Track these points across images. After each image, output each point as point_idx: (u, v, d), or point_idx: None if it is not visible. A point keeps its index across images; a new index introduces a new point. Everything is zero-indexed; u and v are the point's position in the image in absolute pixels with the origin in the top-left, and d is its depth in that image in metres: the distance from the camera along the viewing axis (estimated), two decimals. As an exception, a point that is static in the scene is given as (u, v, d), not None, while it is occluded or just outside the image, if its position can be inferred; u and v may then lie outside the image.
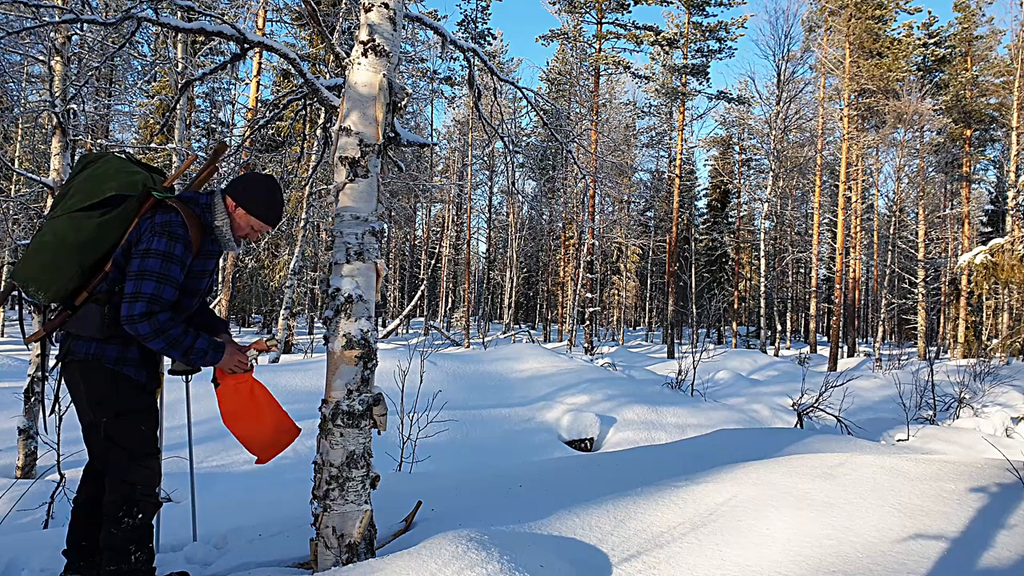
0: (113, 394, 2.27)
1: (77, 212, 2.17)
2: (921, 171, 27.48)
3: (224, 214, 2.39)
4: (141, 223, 2.25)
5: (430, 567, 2.06)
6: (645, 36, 25.55)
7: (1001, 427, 8.82)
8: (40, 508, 4.50)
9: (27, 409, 6.03)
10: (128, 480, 2.28)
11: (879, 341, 23.93)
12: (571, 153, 5.85)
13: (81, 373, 2.26)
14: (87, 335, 2.22)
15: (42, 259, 2.18)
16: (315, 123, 5.60)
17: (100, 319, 2.20)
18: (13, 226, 16.86)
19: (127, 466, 2.28)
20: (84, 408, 2.30)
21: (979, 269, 9.37)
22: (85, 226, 2.18)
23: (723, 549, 2.42)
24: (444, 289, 42.26)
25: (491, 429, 8.23)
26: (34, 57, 7.68)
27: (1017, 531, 2.42)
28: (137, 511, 2.28)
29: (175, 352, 2.27)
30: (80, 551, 2.38)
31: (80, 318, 2.21)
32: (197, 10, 3.66)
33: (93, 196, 2.19)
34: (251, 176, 2.49)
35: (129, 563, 2.27)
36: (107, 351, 2.25)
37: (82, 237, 2.17)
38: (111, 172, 2.26)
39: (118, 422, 2.27)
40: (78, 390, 2.30)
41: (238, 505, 3.70)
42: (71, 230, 2.17)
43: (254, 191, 2.44)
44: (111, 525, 2.26)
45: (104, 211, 2.20)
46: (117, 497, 2.27)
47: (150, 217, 2.24)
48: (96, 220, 2.19)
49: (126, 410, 2.29)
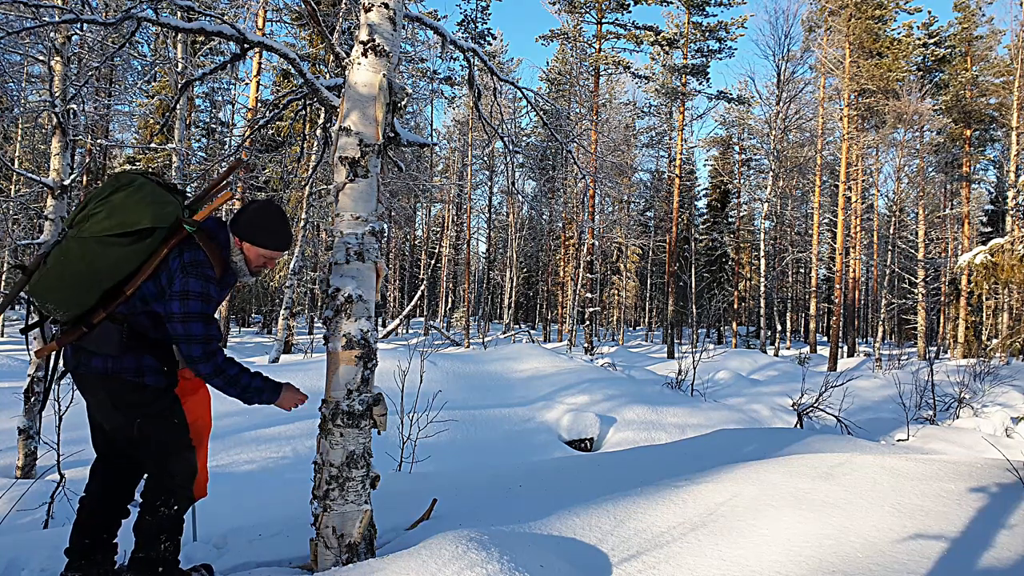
0: (140, 400, 2.32)
1: (108, 238, 2.17)
2: (921, 171, 27.46)
3: (237, 252, 2.42)
4: (171, 260, 2.27)
5: (430, 567, 2.06)
6: (645, 36, 25.55)
7: (1001, 427, 8.82)
8: (40, 508, 4.49)
9: (27, 409, 6.03)
10: (168, 471, 2.36)
11: (879, 341, 23.90)
12: (571, 153, 5.85)
13: (102, 384, 2.29)
14: (103, 351, 2.26)
15: (68, 279, 2.18)
16: (315, 123, 5.60)
17: (119, 338, 2.25)
18: (13, 226, 16.87)
19: (165, 459, 2.37)
20: (110, 414, 2.34)
21: (979, 269, 9.37)
22: (114, 253, 2.19)
23: (723, 549, 2.42)
24: (444, 289, 42.25)
25: (491, 429, 8.23)
26: (34, 57, 7.67)
27: (1017, 531, 2.42)
28: (174, 502, 2.37)
29: (232, 390, 2.35)
30: (83, 549, 2.40)
31: (98, 336, 2.24)
32: (197, 10, 3.66)
33: (127, 225, 2.18)
34: (251, 209, 2.46)
35: (158, 551, 2.35)
36: (125, 364, 2.28)
37: (109, 263, 2.19)
38: (147, 201, 2.25)
39: (151, 421, 2.33)
40: (100, 399, 2.32)
41: (238, 505, 3.70)
42: (100, 255, 2.18)
43: (257, 223, 2.43)
44: (147, 512, 2.35)
45: (133, 240, 2.21)
46: (156, 486, 2.37)
47: (179, 255, 2.27)
48: (125, 248, 2.20)
49: (156, 412, 2.35)
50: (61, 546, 2.45)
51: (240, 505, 3.72)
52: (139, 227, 2.20)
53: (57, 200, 6.38)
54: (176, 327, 2.25)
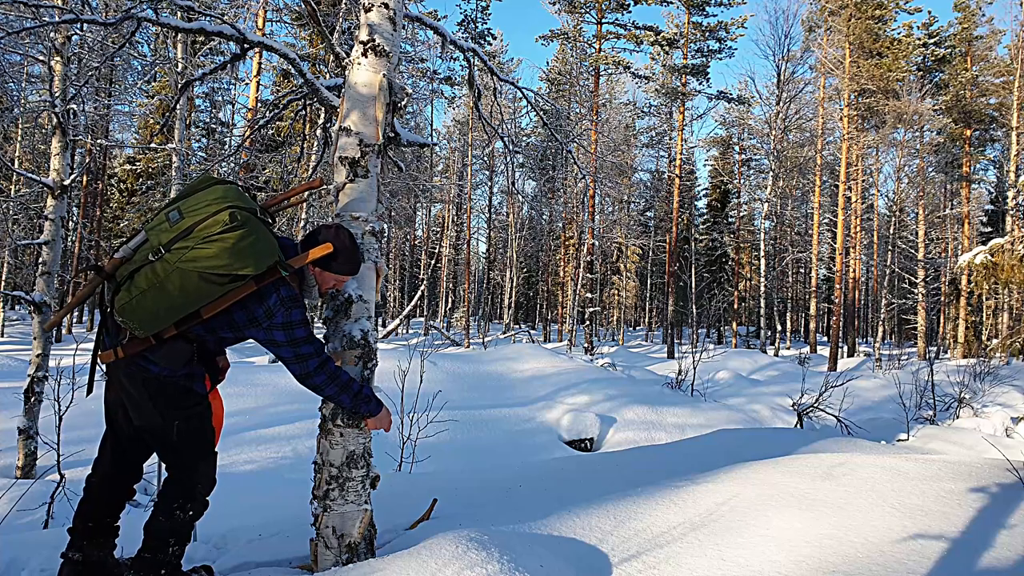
0: (184, 403, 2.35)
1: (212, 275, 2.17)
2: (921, 171, 27.46)
3: (312, 279, 2.44)
4: (267, 297, 2.27)
5: (430, 567, 2.06)
6: (645, 36, 25.54)
7: (1001, 427, 8.81)
8: (40, 508, 4.49)
9: (27, 409, 6.03)
10: (195, 477, 2.40)
11: (879, 341, 23.89)
12: (571, 153, 5.85)
13: (145, 383, 2.30)
14: (167, 365, 2.28)
15: (162, 304, 2.18)
16: (315, 123, 5.59)
17: (189, 356, 2.30)
18: (13, 226, 16.87)
19: (195, 464, 2.40)
20: (150, 414, 2.33)
21: (979, 269, 9.35)
22: (212, 289, 2.20)
23: (723, 549, 2.42)
24: (444, 289, 42.24)
25: (491, 429, 8.23)
26: (34, 57, 7.68)
27: (1017, 531, 2.42)
28: (190, 508, 2.39)
29: (345, 396, 2.39)
30: (85, 531, 2.42)
31: (167, 352, 2.27)
32: (197, 10, 3.65)
33: (233, 269, 2.17)
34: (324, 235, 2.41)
35: (165, 553, 2.36)
36: (180, 371, 2.32)
37: (202, 295, 2.20)
38: (255, 250, 2.22)
39: (191, 424, 2.36)
40: (142, 399, 2.32)
41: (238, 505, 3.70)
42: (200, 289, 2.18)
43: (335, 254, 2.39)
44: (161, 513, 2.35)
45: (234, 281, 2.21)
46: (178, 490, 2.38)
47: (275, 291, 2.28)
48: (224, 287, 2.20)
49: (196, 414, 2.39)
50: (61, 547, 2.45)
51: (240, 505, 3.72)
52: (244, 273, 2.20)
53: (57, 200, 6.38)
54: (286, 351, 2.31)
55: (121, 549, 2.54)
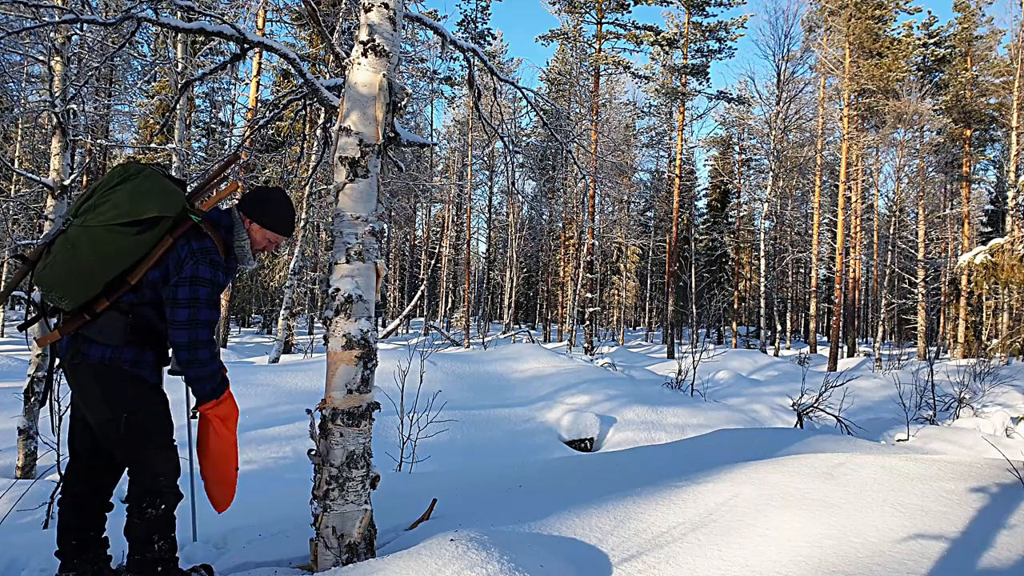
0: (133, 393, 2.33)
1: (116, 226, 2.20)
2: (921, 171, 27.45)
3: (244, 233, 2.48)
4: (179, 247, 2.30)
5: (430, 567, 2.06)
6: (645, 36, 25.54)
7: (1001, 427, 8.82)
8: (40, 508, 4.49)
9: (27, 409, 6.03)
10: (151, 471, 2.35)
11: (879, 341, 23.89)
12: (571, 153, 5.85)
13: (95, 375, 2.29)
14: (104, 341, 2.27)
15: (74, 267, 2.20)
16: (315, 123, 5.59)
17: (123, 327, 2.28)
18: (13, 226, 16.86)
19: (150, 457, 2.36)
20: (98, 407, 2.32)
21: (979, 269, 9.35)
22: (122, 242, 2.21)
23: (723, 549, 2.41)
24: (444, 289, 42.23)
25: (491, 429, 8.22)
26: (34, 57, 7.67)
27: (1017, 531, 2.42)
28: (160, 502, 2.35)
29: (209, 383, 2.39)
30: (72, 550, 2.41)
31: (101, 325, 2.26)
32: (197, 10, 3.65)
33: (134, 214, 2.22)
34: (261, 191, 2.58)
35: (153, 552, 2.34)
36: (124, 355, 2.30)
37: (117, 251, 2.21)
38: (154, 191, 2.28)
39: (139, 416, 2.33)
40: (90, 391, 2.31)
41: (238, 505, 3.69)
42: (109, 243, 2.20)
43: (266, 205, 2.54)
44: (135, 516, 2.33)
45: (141, 229, 2.23)
46: (141, 489, 2.34)
47: (187, 242, 2.31)
48: (133, 237, 2.22)
49: (147, 405, 2.37)
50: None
51: (240, 505, 3.71)
52: (147, 216, 2.23)
53: (57, 200, 6.38)
54: (181, 312, 2.27)
55: (122, 552, 2.54)
